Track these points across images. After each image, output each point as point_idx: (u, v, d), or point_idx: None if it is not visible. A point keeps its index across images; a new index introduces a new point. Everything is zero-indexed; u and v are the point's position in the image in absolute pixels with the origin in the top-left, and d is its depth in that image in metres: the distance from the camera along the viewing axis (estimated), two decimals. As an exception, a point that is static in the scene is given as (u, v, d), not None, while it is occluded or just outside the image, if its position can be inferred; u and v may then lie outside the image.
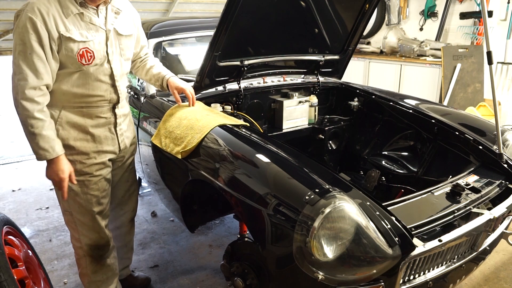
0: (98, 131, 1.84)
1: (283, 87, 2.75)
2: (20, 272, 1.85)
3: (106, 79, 1.78)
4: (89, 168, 1.84)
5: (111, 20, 1.77)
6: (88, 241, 1.94)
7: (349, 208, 1.36)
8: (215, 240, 2.90)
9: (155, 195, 3.44)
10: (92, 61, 1.70)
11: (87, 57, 1.68)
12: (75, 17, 1.65)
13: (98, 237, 1.95)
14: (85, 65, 1.69)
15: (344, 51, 2.85)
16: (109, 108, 1.86)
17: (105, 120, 1.85)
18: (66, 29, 1.62)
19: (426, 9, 5.65)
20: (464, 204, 1.70)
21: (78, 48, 1.65)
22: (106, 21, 1.75)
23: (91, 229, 1.93)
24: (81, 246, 1.96)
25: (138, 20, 2.00)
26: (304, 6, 2.43)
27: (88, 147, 1.83)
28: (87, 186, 1.86)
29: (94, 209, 1.90)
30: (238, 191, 1.60)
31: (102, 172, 1.89)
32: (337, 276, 1.35)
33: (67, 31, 1.62)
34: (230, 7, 1.99)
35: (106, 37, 1.75)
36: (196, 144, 1.82)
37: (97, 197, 1.90)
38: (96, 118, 1.82)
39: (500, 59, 5.07)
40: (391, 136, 2.68)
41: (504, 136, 2.13)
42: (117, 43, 1.81)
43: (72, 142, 1.79)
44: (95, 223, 1.92)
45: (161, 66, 2.15)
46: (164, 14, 6.09)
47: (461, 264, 1.67)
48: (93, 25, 1.70)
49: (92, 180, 1.86)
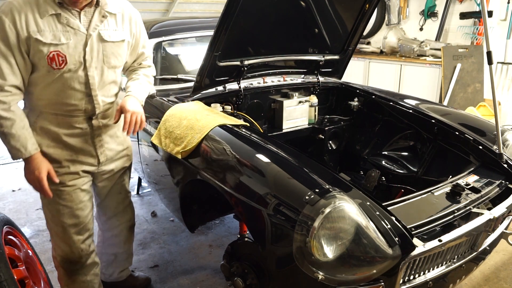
0: (72, 140, 1.74)
1: (283, 87, 2.75)
2: (20, 272, 1.85)
3: (80, 88, 1.66)
4: (61, 177, 1.73)
5: (95, 24, 1.64)
6: (60, 252, 1.87)
7: (349, 208, 1.36)
8: (215, 240, 2.90)
9: (155, 195, 3.44)
10: (63, 66, 1.58)
11: (58, 61, 1.56)
12: (51, 17, 1.54)
13: (69, 251, 1.85)
14: (55, 69, 1.57)
15: (344, 51, 2.85)
16: (84, 119, 1.73)
17: (80, 131, 1.74)
18: (38, 30, 1.52)
19: (426, 9, 5.65)
20: (464, 204, 1.69)
21: (48, 50, 1.54)
22: (90, 24, 1.62)
23: (62, 241, 1.84)
24: (55, 255, 1.90)
25: (138, 26, 1.84)
26: (304, 6, 2.43)
27: (61, 155, 1.73)
28: (59, 196, 1.76)
29: (65, 221, 1.80)
30: (238, 191, 1.60)
31: (76, 182, 1.79)
32: (337, 276, 1.35)
33: (38, 31, 1.52)
34: (230, 7, 1.99)
35: (85, 41, 1.62)
36: (196, 144, 1.82)
37: (71, 208, 1.79)
38: (71, 128, 1.72)
39: (500, 59, 5.07)
40: (391, 136, 2.68)
41: (504, 136, 2.13)
42: (100, 49, 1.66)
43: (45, 149, 1.69)
44: (66, 235, 1.82)
45: (137, 83, 1.89)
46: (164, 14, 6.10)
47: (461, 264, 1.67)
48: (71, 27, 1.58)
49: (65, 190, 1.76)
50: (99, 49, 1.66)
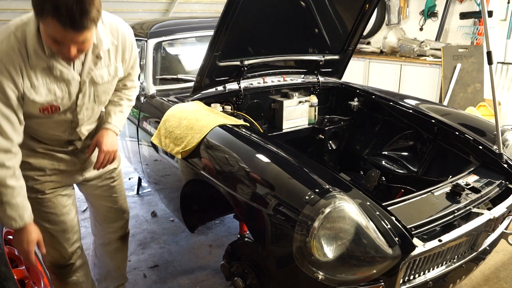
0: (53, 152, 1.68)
1: (283, 87, 2.75)
2: (20, 272, 1.84)
3: (67, 125, 1.61)
4: (41, 186, 1.66)
5: (88, 68, 1.52)
6: (49, 258, 1.80)
7: (349, 208, 1.36)
8: (215, 240, 2.90)
9: (155, 195, 3.43)
10: (56, 113, 1.52)
11: (51, 110, 1.49)
12: (43, 70, 1.42)
13: (59, 256, 1.80)
14: (46, 115, 1.51)
15: (344, 51, 2.85)
16: (66, 141, 1.69)
17: (65, 149, 1.70)
18: (32, 85, 1.40)
19: (426, 9, 5.65)
20: (464, 204, 1.69)
21: (42, 105, 1.46)
22: (82, 68, 1.50)
23: (50, 247, 1.75)
24: (44, 261, 1.84)
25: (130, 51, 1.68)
26: (304, 6, 2.43)
27: (43, 163, 1.66)
28: (40, 203, 1.68)
29: (53, 227, 1.73)
30: (238, 191, 1.60)
31: (56, 189, 1.72)
32: (337, 276, 1.36)
33: (32, 87, 1.40)
34: (230, 7, 1.99)
35: (79, 88, 1.53)
36: (196, 144, 1.82)
37: (55, 214, 1.73)
38: (54, 151, 1.68)
39: (500, 59, 5.07)
40: (391, 136, 2.68)
41: (504, 136, 2.13)
42: (92, 91, 1.59)
43: (24, 158, 1.55)
44: (54, 241, 1.75)
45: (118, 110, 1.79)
46: (164, 14, 6.10)
47: (461, 264, 1.67)
48: (64, 79, 1.47)
49: (45, 197, 1.69)
50: (91, 92, 1.58)
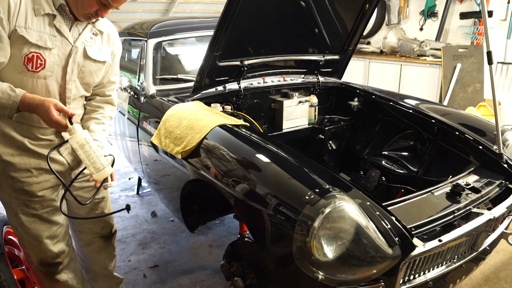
0: (39, 149, 1.58)
1: (283, 87, 2.75)
2: (20, 272, 1.85)
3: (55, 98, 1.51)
4: (29, 187, 1.59)
5: (84, 39, 1.54)
6: (36, 258, 1.71)
7: (349, 208, 1.36)
8: (215, 240, 2.90)
9: (155, 195, 3.44)
10: (40, 70, 1.44)
11: (35, 63, 1.42)
12: (43, 17, 1.42)
13: (46, 257, 1.71)
14: (29, 71, 1.42)
15: (344, 51, 2.85)
16: (53, 131, 1.58)
17: (48, 142, 1.59)
18: (25, 26, 1.38)
19: (426, 9, 5.65)
20: (464, 204, 1.69)
21: (29, 50, 1.40)
22: (78, 37, 1.53)
23: (37, 248, 1.68)
24: (32, 261, 1.74)
25: (117, 51, 1.75)
26: (304, 6, 2.43)
27: (28, 163, 1.56)
28: (27, 205, 1.61)
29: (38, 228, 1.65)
30: (238, 191, 1.60)
31: (45, 191, 1.63)
32: (337, 276, 1.35)
33: (25, 28, 1.38)
34: (230, 7, 1.99)
35: (69, 53, 1.50)
36: (196, 144, 1.82)
37: (40, 216, 1.64)
38: (37, 139, 1.56)
39: (500, 59, 5.07)
40: (391, 136, 2.68)
41: (504, 136, 2.13)
42: (80, 64, 1.56)
43: (9, 158, 1.52)
44: (40, 242, 1.67)
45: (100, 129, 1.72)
46: (164, 14, 6.10)
47: (461, 264, 1.67)
48: (60, 34, 1.46)
49: (34, 199, 1.61)
50: (80, 64, 1.56)
